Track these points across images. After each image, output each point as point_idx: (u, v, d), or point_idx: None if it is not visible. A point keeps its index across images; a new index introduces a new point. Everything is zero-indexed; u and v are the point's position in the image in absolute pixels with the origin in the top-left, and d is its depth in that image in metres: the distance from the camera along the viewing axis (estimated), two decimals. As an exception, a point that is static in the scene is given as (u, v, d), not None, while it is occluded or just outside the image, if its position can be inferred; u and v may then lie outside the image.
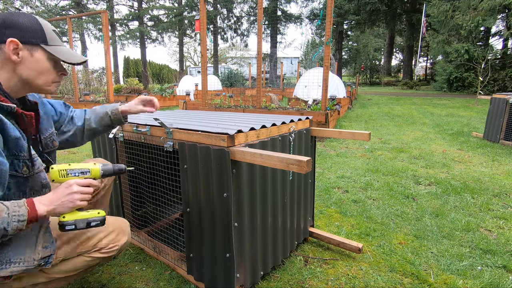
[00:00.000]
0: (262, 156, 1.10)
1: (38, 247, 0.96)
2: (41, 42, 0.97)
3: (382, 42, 33.31)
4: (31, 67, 0.96)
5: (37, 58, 0.97)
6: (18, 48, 0.93)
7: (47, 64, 0.99)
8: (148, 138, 1.54)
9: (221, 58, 33.88)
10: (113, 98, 7.26)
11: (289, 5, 22.50)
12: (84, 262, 1.12)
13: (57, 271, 1.08)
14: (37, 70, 0.98)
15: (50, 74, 1.01)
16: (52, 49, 0.99)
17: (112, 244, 1.17)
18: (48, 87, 1.03)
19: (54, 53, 0.99)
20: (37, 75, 0.98)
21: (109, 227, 1.18)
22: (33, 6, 16.97)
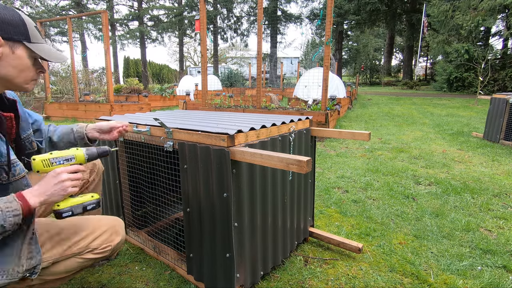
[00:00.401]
0: (262, 156, 1.10)
1: (22, 260, 0.93)
2: (24, 39, 0.92)
3: (382, 42, 33.31)
4: (12, 64, 0.92)
5: (19, 55, 0.93)
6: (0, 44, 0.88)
7: (28, 61, 0.95)
8: (148, 138, 1.54)
9: (221, 58, 33.90)
10: (113, 98, 7.27)
11: (289, 5, 22.51)
12: (77, 264, 1.09)
13: (49, 273, 1.05)
14: (18, 68, 0.94)
15: (30, 72, 0.98)
16: (34, 47, 0.95)
17: (106, 244, 1.13)
18: (26, 85, 0.99)
19: (36, 51, 0.95)
20: (17, 73, 0.94)
21: (102, 227, 1.15)
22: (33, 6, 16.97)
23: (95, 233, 1.12)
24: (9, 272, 0.89)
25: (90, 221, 1.16)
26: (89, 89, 10.34)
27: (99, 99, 7.75)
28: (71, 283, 1.52)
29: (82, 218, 1.17)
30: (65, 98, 8.82)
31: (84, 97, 8.35)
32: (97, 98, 8.02)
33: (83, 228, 1.12)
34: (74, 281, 1.53)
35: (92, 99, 8.17)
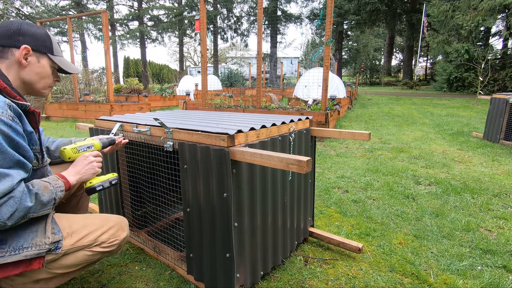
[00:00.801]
0: (262, 156, 1.10)
1: (48, 233, 1.05)
2: (48, 52, 1.12)
3: (382, 42, 33.31)
4: (36, 71, 1.10)
5: (43, 64, 1.11)
6: (28, 54, 1.06)
7: (49, 70, 1.13)
8: (148, 138, 1.54)
9: (221, 58, 33.90)
10: (113, 98, 7.27)
11: (289, 5, 22.50)
12: (85, 257, 1.14)
13: (58, 266, 1.10)
14: (40, 75, 1.11)
15: (49, 79, 1.15)
16: (56, 59, 1.14)
17: (113, 238, 1.20)
18: (44, 90, 1.16)
19: (57, 62, 1.14)
20: (39, 79, 1.11)
21: (110, 222, 1.22)
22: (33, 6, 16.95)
23: (103, 227, 1.19)
24: (37, 243, 1.02)
25: (98, 217, 1.24)
26: (89, 89, 10.34)
27: (99, 99, 7.75)
28: (71, 283, 1.52)
29: (92, 214, 1.25)
30: (65, 98, 8.82)
31: (84, 97, 8.35)
32: (97, 98, 8.02)
33: (93, 223, 1.19)
34: (74, 281, 1.53)
35: (92, 99, 8.17)
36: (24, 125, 1.00)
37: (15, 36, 1.04)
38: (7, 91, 1.00)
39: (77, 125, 2.10)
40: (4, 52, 1.04)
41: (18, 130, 0.95)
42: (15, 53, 1.04)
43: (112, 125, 1.74)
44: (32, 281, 1.07)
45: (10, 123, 0.92)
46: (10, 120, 0.93)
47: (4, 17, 15.27)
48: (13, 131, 0.93)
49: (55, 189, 1.03)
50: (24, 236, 1.01)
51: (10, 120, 0.92)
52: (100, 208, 2.05)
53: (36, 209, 0.97)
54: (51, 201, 1.01)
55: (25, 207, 0.93)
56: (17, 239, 0.99)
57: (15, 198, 0.91)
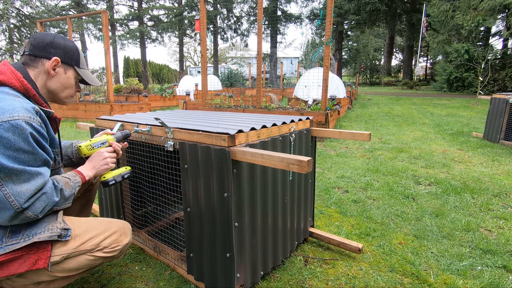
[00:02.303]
0: (263, 156, 1.10)
1: (59, 219, 1.11)
2: (75, 65, 1.21)
3: (382, 42, 33.32)
4: (62, 82, 1.19)
5: (69, 75, 1.20)
6: (58, 65, 1.15)
7: (73, 82, 1.23)
8: (149, 138, 1.54)
9: (221, 58, 33.90)
10: (113, 98, 7.27)
11: (289, 5, 22.49)
12: (87, 261, 1.14)
13: (60, 269, 1.10)
14: (65, 85, 1.21)
15: (72, 90, 1.25)
16: (81, 72, 1.24)
17: (115, 244, 1.20)
18: (66, 99, 1.26)
19: (82, 75, 1.24)
20: (63, 89, 1.21)
21: (112, 227, 1.22)
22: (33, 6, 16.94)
23: (106, 232, 1.19)
24: (49, 227, 1.07)
25: (102, 221, 1.24)
26: (89, 89, 10.33)
27: (99, 99, 7.74)
28: (71, 283, 1.52)
29: (95, 219, 1.25)
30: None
31: (84, 97, 8.35)
32: (97, 98, 8.02)
33: (96, 227, 1.19)
34: (74, 281, 1.53)
35: (92, 99, 8.17)
36: (48, 130, 1.09)
37: (48, 48, 1.13)
38: (36, 98, 1.10)
39: (77, 124, 2.10)
40: (36, 62, 1.13)
41: (44, 134, 1.04)
42: (45, 63, 1.13)
43: (113, 124, 1.74)
44: (34, 283, 1.07)
45: (39, 129, 1.01)
46: (39, 126, 1.02)
47: (4, 17, 15.27)
48: (41, 135, 1.02)
49: (74, 184, 1.13)
50: (37, 225, 1.06)
51: (39, 125, 1.01)
52: (100, 208, 2.05)
53: (60, 203, 1.07)
54: (71, 196, 1.11)
55: (53, 201, 1.04)
56: (30, 229, 1.05)
57: (47, 194, 1.02)
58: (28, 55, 1.13)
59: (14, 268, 1.00)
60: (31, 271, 1.04)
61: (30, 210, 0.98)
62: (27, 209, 0.97)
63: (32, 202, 0.98)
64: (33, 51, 1.12)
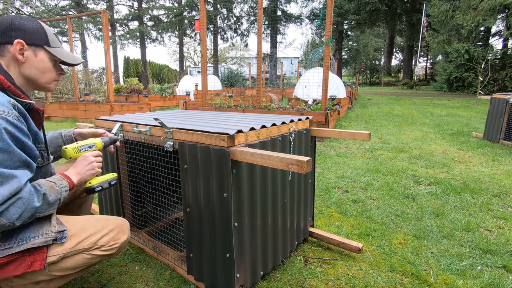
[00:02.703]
0: (262, 156, 1.10)
1: (53, 222, 1.08)
2: (44, 44, 1.07)
3: (382, 42, 33.32)
4: (35, 66, 1.06)
5: (41, 58, 1.07)
6: (23, 48, 1.02)
7: (49, 64, 1.10)
8: (148, 138, 1.54)
9: (221, 58, 33.89)
10: (113, 98, 7.27)
11: (289, 5, 22.50)
12: (84, 260, 1.13)
13: (58, 269, 1.09)
14: (40, 70, 1.08)
15: (52, 73, 1.12)
16: (54, 50, 1.09)
17: (113, 242, 1.18)
18: (49, 85, 1.13)
19: (55, 54, 1.09)
20: (40, 74, 1.08)
21: (110, 225, 1.20)
22: (33, 6, 16.96)
23: (103, 231, 1.18)
24: (44, 232, 1.04)
25: (99, 219, 1.22)
26: (89, 89, 10.34)
27: (99, 99, 7.74)
28: (71, 283, 1.52)
29: (91, 216, 1.24)
30: (65, 98, 8.82)
31: (84, 97, 8.35)
32: (97, 98, 8.02)
33: (92, 225, 1.17)
34: (74, 281, 1.53)
35: (92, 99, 8.17)
36: (29, 124, 1.00)
37: (8, 31, 1.00)
38: (11, 90, 0.99)
39: (77, 125, 2.09)
40: (1, 50, 1.01)
41: (23, 129, 0.95)
42: (10, 49, 1.01)
43: (112, 125, 1.74)
44: (32, 282, 1.07)
45: (16, 123, 0.92)
46: (16, 120, 0.92)
47: (4, 17, 15.27)
48: (19, 131, 0.93)
49: (60, 189, 1.05)
50: (30, 228, 1.03)
51: (15, 120, 0.92)
52: (100, 208, 2.05)
53: (43, 209, 0.99)
54: (57, 201, 1.03)
55: (32, 207, 0.95)
56: (24, 232, 1.02)
57: (23, 199, 0.92)
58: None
59: (9, 271, 0.99)
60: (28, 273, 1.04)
61: (4, 217, 0.88)
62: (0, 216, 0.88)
63: (5, 208, 0.88)
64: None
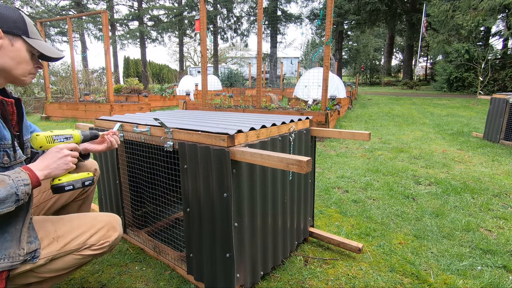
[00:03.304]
0: (262, 156, 1.10)
1: (23, 243, 0.97)
2: (23, 34, 0.99)
3: (382, 42, 33.32)
4: (11, 56, 0.98)
5: (17, 47, 0.98)
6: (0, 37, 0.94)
7: (26, 54, 1.01)
8: (148, 138, 1.54)
9: (221, 58, 33.89)
10: (113, 98, 7.27)
11: (289, 5, 22.50)
12: (75, 260, 1.09)
13: (47, 270, 1.05)
14: (16, 60, 0.99)
15: (28, 65, 1.03)
16: (32, 42, 1.01)
17: (103, 240, 1.14)
18: (24, 77, 1.03)
19: (34, 45, 1.01)
20: (15, 65, 0.99)
21: (99, 223, 1.15)
22: (33, 6, 16.96)
23: (92, 229, 1.13)
24: (10, 255, 0.93)
25: (86, 218, 1.17)
26: (89, 89, 10.34)
27: (99, 99, 7.74)
28: (71, 283, 1.52)
29: (79, 215, 1.18)
30: (65, 98, 8.82)
31: (84, 97, 8.35)
32: (97, 98, 8.02)
33: (80, 225, 1.13)
34: (74, 281, 1.53)
35: (92, 99, 8.17)
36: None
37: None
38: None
39: (77, 125, 2.09)
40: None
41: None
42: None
43: (112, 125, 1.74)
44: (23, 284, 1.03)
45: None
46: None
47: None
48: None
49: (16, 183, 0.87)
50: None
51: None
52: (100, 208, 2.05)
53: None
54: (10, 197, 0.86)
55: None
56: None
57: None
58: None
59: None
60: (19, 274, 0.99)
61: None
62: None
63: None
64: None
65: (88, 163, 1.49)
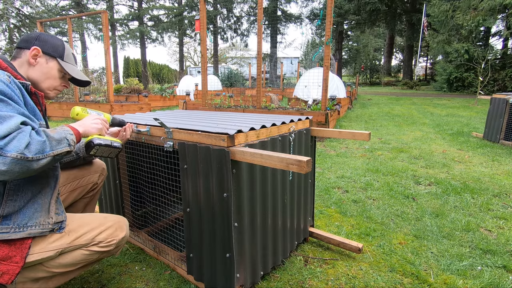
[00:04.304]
0: (262, 156, 1.10)
1: (51, 213, 1.10)
2: (58, 57, 1.20)
3: (382, 42, 33.31)
4: (43, 71, 1.17)
5: (50, 66, 1.19)
6: (38, 55, 1.16)
7: (56, 73, 1.20)
8: (148, 138, 1.54)
9: (221, 58, 33.88)
10: (113, 98, 7.27)
11: (289, 5, 22.49)
12: (82, 256, 1.14)
13: (56, 265, 1.10)
14: (46, 75, 1.18)
15: (55, 82, 1.21)
16: (64, 64, 1.22)
17: (111, 238, 1.19)
18: (49, 91, 1.21)
19: (65, 67, 1.21)
20: (44, 79, 1.18)
21: (108, 222, 1.22)
22: (33, 6, 16.94)
23: (101, 227, 1.19)
24: (41, 223, 1.07)
25: (96, 216, 1.24)
26: (89, 89, 10.33)
27: (99, 99, 7.74)
28: (71, 283, 1.52)
29: (89, 214, 1.26)
30: (65, 98, 8.81)
31: (84, 97, 8.35)
32: (97, 98, 8.02)
33: (90, 221, 1.19)
34: (74, 281, 1.53)
35: (92, 99, 8.17)
36: (25, 98, 1.04)
37: (32, 40, 1.17)
38: (9, 70, 1.06)
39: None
40: (19, 53, 1.16)
41: (13, 91, 0.98)
42: (26, 53, 1.15)
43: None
44: (31, 280, 1.07)
45: (6, 82, 0.96)
46: (7, 82, 0.97)
47: (4, 17, 15.27)
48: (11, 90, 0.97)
49: (63, 131, 1.03)
50: (28, 214, 1.04)
51: (7, 81, 0.97)
52: (100, 208, 2.05)
53: (52, 145, 0.96)
54: (63, 140, 1.00)
55: (38, 140, 0.92)
56: (22, 217, 1.03)
57: (24, 132, 0.90)
58: (16, 48, 1.18)
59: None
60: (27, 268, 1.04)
61: (11, 149, 0.85)
62: (4, 149, 0.84)
63: (8, 140, 0.86)
64: (19, 44, 1.17)
65: (97, 163, 1.60)
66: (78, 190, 1.50)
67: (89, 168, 1.55)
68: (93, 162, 1.58)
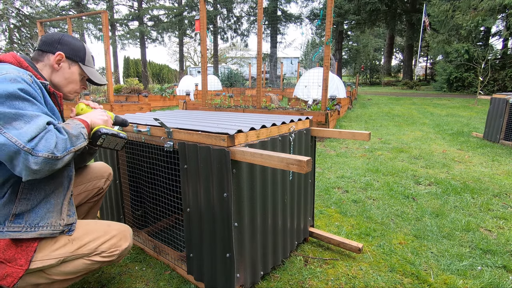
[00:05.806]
0: (262, 156, 1.10)
1: (63, 214, 1.12)
2: (80, 61, 1.24)
3: (382, 42, 33.31)
4: (65, 76, 1.22)
5: (73, 71, 1.23)
6: (62, 60, 1.19)
7: (77, 77, 1.25)
8: (148, 138, 1.54)
9: (221, 58, 33.88)
10: (113, 98, 7.27)
11: (289, 5, 22.48)
12: (84, 265, 1.13)
13: (57, 272, 1.09)
14: (68, 80, 1.23)
15: (76, 85, 1.26)
16: (86, 68, 1.26)
17: (114, 248, 1.18)
18: (70, 94, 1.27)
19: (86, 71, 1.26)
20: (66, 83, 1.23)
21: (112, 231, 1.20)
22: (33, 6, 16.93)
23: (105, 236, 1.18)
24: (52, 224, 1.08)
25: (101, 224, 1.22)
26: (89, 89, 10.33)
27: (99, 99, 7.74)
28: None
29: (94, 221, 1.24)
30: (65, 98, 8.83)
31: (84, 97, 8.34)
32: (97, 98, 8.02)
33: (94, 231, 1.18)
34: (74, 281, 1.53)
35: (92, 99, 8.16)
36: (45, 97, 1.07)
37: (55, 44, 1.19)
38: (30, 70, 1.09)
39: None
40: (42, 56, 1.18)
41: (36, 91, 1.02)
42: (50, 57, 1.18)
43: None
44: (31, 285, 1.07)
45: (29, 82, 1.00)
46: (30, 82, 1.01)
47: (4, 17, 15.26)
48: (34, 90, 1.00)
49: (76, 125, 1.07)
50: (40, 214, 1.05)
51: (30, 82, 1.01)
52: (100, 209, 2.05)
53: (73, 141, 1.01)
54: (79, 135, 1.05)
55: (62, 138, 0.97)
56: (34, 216, 1.04)
57: (51, 132, 0.95)
58: (37, 50, 1.18)
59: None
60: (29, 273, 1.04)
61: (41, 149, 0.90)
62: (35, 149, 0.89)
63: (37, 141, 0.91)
64: (41, 46, 1.18)
65: (103, 168, 1.59)
66: (83, 195, 1.50)
67: (96, 172, 1.54)
68: (97, 167, 1.56)
